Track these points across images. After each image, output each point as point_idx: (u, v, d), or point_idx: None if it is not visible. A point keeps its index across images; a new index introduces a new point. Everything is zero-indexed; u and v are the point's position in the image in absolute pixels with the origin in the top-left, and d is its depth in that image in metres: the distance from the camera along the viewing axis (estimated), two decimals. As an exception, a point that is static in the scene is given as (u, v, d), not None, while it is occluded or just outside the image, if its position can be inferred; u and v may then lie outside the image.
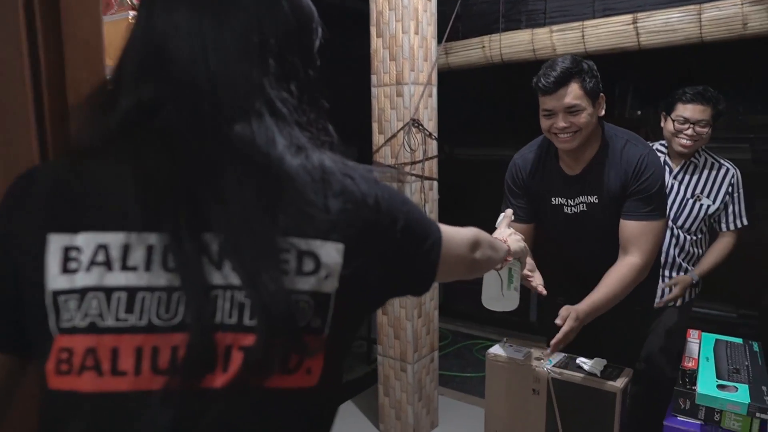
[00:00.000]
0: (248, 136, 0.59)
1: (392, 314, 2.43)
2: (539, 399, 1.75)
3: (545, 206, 1.91)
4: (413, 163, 2.25)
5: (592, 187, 1.81)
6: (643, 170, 1.73)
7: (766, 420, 1.56)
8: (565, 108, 1.67)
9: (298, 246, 0.59)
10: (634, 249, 1.74)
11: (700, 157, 2.25)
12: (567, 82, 1.66)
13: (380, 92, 2.28)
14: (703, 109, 2.13)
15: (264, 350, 0.58)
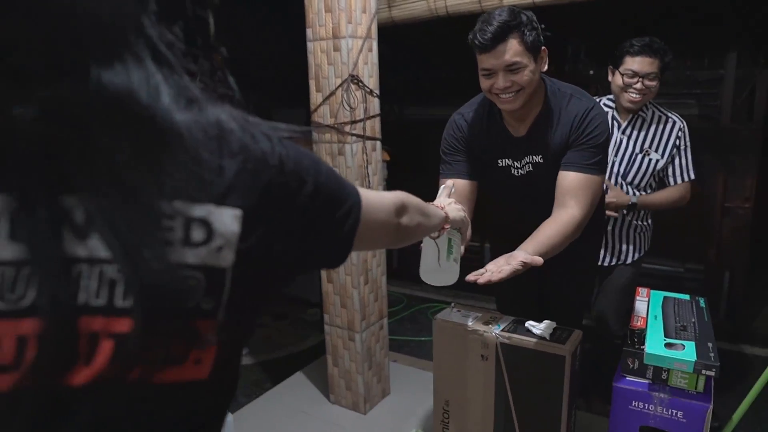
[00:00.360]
0: (123, 83, 0.48)
1: (337, 282, 2.33)
2: (488, 365, 1.69)
3: (492, 169, 1.82)
4: (353, 123, 2.11)
5: (538, 146, 1.72)
6: (587, 122, 1.65)
7: (710, 376, 1.55)
8: (505, 66, 1.56)
9: (185, 212, 0.49)
10: (572, 202, 1.64)
11: (647, 111, 2.21)
12: (505, 38, 1.53)
13: (316, 47, 2.12)
14: (651, 61, 2.08)
15: (142, 338, 0.48)
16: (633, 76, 2.10)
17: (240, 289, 0.53)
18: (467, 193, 1.79)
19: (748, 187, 3.34)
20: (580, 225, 1.64)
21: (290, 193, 0.57)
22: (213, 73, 0.60)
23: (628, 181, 2.21)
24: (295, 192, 0.57)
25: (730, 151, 3.32)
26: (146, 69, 0.50)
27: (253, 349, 3.44)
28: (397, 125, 4.33)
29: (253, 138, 0.54)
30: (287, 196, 0.57)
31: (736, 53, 3.24)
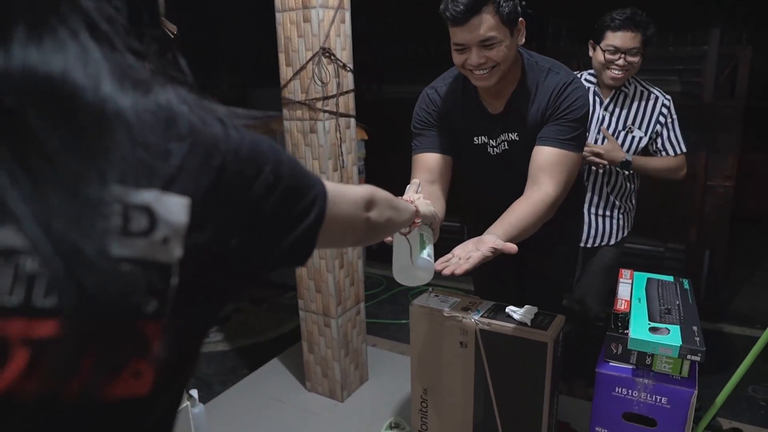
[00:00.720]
0: (56, 59, 0.42)
1: (311, 266, 2.24)
2: (467, 352, 1.62)
3: (467, 146, 1.72)
4: (326, 99, 2.00)
5: (515, 123, 1.62)
6: (565, 95, 1.55)
7: (696, 361, 1.49)
8: (478, 41, 1.45)
9: (123, 197, 0.42)
10: (546, 180, 1.53)
11: (630, 87, 2.13)
12: (479, 10, 1.41)
13: (285, 18, 1.99)
14: (633, 36, 2.00)
15: (69, 344, 0.40)
16: (615, 52, 2.01)
17: (189, 289, 0.46)
18: (441, 168, 1.69)
19: (729, 166, 3.31)
20: (553, 204, 1.53)
21: (246, 182, 0.51)
22: (162, 53, 0.54)
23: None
24: (251, 180, 0.51)
25: (712, 128, 3.28)
26: (81, 44, 0.43)
27: (229, 335, 3.36)
28: (376, 103, 4.22)
29: (204, 122, 0.48)
30: (242, 184, 0.51)
31: (719, 29, 3.18)
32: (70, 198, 0.40)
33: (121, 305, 0.42)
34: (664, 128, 2.11)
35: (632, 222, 2.29)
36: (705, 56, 3.25)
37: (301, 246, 0.62)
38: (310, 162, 2.10)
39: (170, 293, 0.45)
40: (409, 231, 1.13)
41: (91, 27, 0.45)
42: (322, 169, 2.08)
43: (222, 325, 3.50)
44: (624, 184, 2.18)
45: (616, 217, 2.21)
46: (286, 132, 2.13)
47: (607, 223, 2.21)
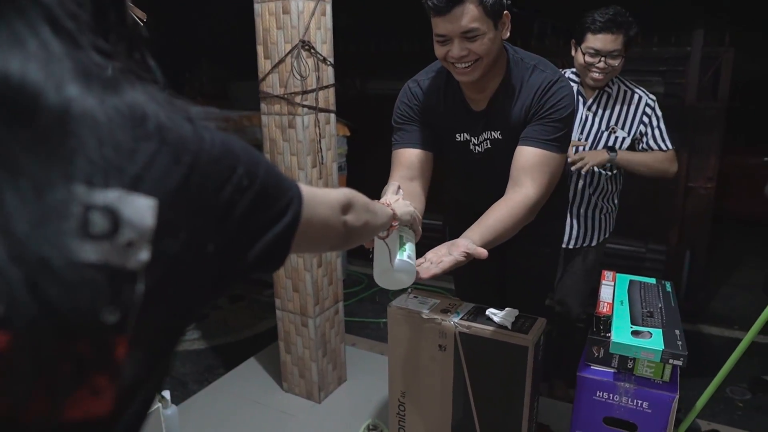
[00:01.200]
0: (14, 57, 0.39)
1: (288, 264, 2.18)
2: (446, 355, 1.58)
3: (448, 143, 1.67)
4: (305, 93, 1.94)
5: (498, 121, 1.57)
6: (550, 94, 1.50)
7: (678, 365, 1.47)
8: (461, 33, 1.40)
9: (83, 197, 0.39)
10: (527, 181, 1.49)
11: (613, 86, 2.10)
12: (462, 1, 1.36)
13: (264, 9, 1.93)
14: (614, 38, 1.96)
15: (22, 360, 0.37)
16: (595, 54, 1.98)
17: (156, 297, 0.43)
18: (422, 164, 1.63)
19: (711, 167, 3.32)
20: (534, 207, 1.49)
21: (217, 183, 0.49)
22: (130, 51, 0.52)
23: None
24: (222, 182, 0.49)
25: (694, 130, 3.28)
26: (43, 42, 0.41)
27: (206, 333, 3.30)
28: (359, 99, 4.16)
29: (173, 121, 0.46)
30: (213, 185, 0.48)
31: (702, 31, 3.18)
32: (32, 202, 0.37)
33: (82, 315, 0.39)
34: (648, 127, 2.09)
35: (614, 223, 2.27)
36: (688, 58, 3.25)
37: (276, 251, 0.60)
38: (288, 158, 2.04)
39: (135, 302, 0.41)
40: (387, 235, 1.10)
41: (53, 22, 0.42)
42: (300, 165, 2.02)
43: (199, 323, 3.43)
44: (606, 185, 2.15)
45: (597, 218, 2.19)
46: (263, 127, 2.07)
47: (588, 224, 2.19)
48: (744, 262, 4.05)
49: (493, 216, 1.44)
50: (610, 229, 2.25)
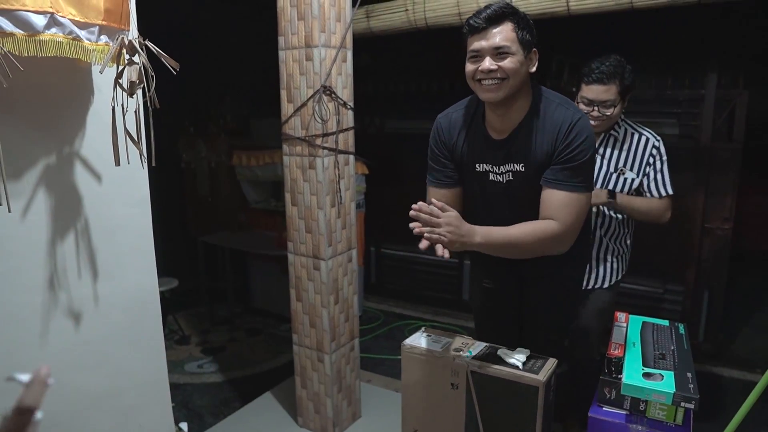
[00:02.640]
0: None
1: (306, 301, 2.23)
2: (458, 393, 1.60)
3: (469, 173, 1.74)
4: (325, 135, 2.03)
5: (520, 153, 1.64)
6: (573, 135, 1.57)
7: (690, 409, 1.48)
8: (493, 48, 1.50)
9: None
10: (555, 218, 1.59)
11: (620, 129, 2.14)
12: (500, 21, 1.50)
13: (288, 56, 2.03)
14: (606, 89, 2.00)
15: None
16: (588, 104, 2.04)
17: None
18: (452, 200, 1.74)
19: (727, 208, 3.31)
20: (558, 238, 1.58)
21: None
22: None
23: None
24: None
25: (710, 170, 3.30)
26: None
27: (223, 366, 3.33)
28: (378, 137, 4.26)
29: None
30: None
31: (716, 74, 3.22)
32: None
33: None
34: (651, 169, 2.12)
35: (627, 265, 2.28)
36: (702, 100, 3.29)
37: None
38: (308, 198, 2.11)
39: None
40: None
41: None
42: (320, 204, 2.09)
43: (215, 356, 3.48)
44: (617, 228, 2.17)
45: (609, 260, 2.21)
46: (285, 167, 2.15)
47: (600, 266, 2.21)
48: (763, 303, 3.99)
49: (516, 227, 1.57)
50: (623, 270, 2.26)
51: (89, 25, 1.31)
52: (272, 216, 4.13)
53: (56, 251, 1.55)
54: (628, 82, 2.03)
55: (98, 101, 1.58)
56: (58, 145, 1.52)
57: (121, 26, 1.39)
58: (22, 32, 1.17)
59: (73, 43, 1.27)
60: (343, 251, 2.25)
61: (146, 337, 1.82)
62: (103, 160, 1.62)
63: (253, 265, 4.17)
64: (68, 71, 1.49)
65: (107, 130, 1.58)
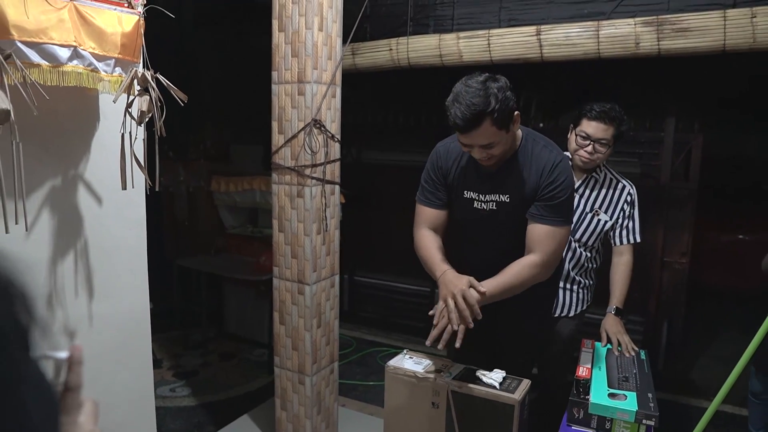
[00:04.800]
0: None
1: (290, 324, 2.31)
2: (439, 412, 1.70)
3: (457, 200, 1.90)
4: (314, 166, 2.14)
5: (506, 186, 1.81)
6: (555, 177, 1.74)
7: (650, 426, 1.61)
8: (479, 145, 1.66)
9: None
10: (537, 250, 1.77)
11: (601, 173, 2.29)
12: (479, 124, 1.60)
13: (281, 90, 2.15)
14: (605, 128, 2.15)
15: None
16: (586, 138, 2.18)
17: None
18: (439, 219, 1.93)
19: (684, 243, 3.53)
20: (538, 267, 1.76)
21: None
22: None
23: (576, 239, 2.29)
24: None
25: (668, 208, 3.52)
26: None
27: (196, 390, 3.34)
28: (354, 167, 4.39)
29: None
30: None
31: (674, 118, 3.47)
32: None
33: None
34: (623, 216, 2.27)
35: (592, 296, 2.43)
36: (662, 142, 3.52)
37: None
38: (296, 225, 2.21)
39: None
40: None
41: None
42: (306, 231, 2.19)
43: (189, 379, 3.48)
44: (585, 263, 2.33)
45: (576, 291, 2.34)
46: (273, 195, 2.25)
47: (567, 295, 2.33)
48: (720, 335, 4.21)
49: (504, 274, 1.75)
50: (587, 301, 2.40)
51: (106, 57, 1.40)
52: (249, 241, 4.18)
53: (56, 270, 1.60)
54: (624, 128, 2.18)
55: (103, 128, 1.67)
56: (64, 168, 1.59)
57: (133, 59, 1.49)
58: (47, 63, 1.26)
59: (91, 74, 1.36)
60: (326, 276, 2.34)
61: (136, 356, 1.87)
62: (105, 183, 1.70)
63: (228, 289, 4.20)
64: (76, 99, 1.58)
65: (110, 155, 1.66)
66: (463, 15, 2.86)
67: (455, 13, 2.86)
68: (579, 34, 2.53)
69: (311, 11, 2.06)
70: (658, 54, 2.45)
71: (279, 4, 2.12)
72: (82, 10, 1.32)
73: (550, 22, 2.63)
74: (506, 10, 2.77)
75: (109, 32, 1.39)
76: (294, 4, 2.08)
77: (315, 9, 2.07)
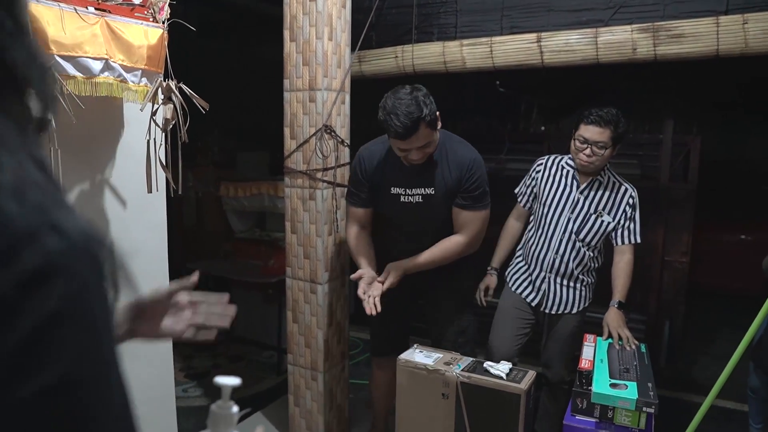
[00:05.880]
0: None
1: (303, 323, 2.39)
2: (448, 402, 1.78)
3: (384, 195, 2.13)
4: (325, 170, 2.23)
5: (430, 180, 2.08)
6: (473, 172, 2.07)
7: (651, 413, 1.69)
8: (417, 147, 1.91)
9: None
10: (464, 231, 2.12)
11: (605, 176, 2.35)
12: (417, 129, 1.85)
13: (293, 97, 2.24)
14: (601, 131, 2.21)
15: None
16: (584, 142, 2.25)
17: None
18: (368, 218, 2.20)
19: (685, 243, 3.61)
20: (464, 245, 2.12)
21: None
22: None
23: (580, 238, 2.35)
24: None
25: (668, 208, 3.59)
26: None
27: (207, 391, 3.41)
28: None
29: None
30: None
31: (672, 120, 3.55)
32: None
33: None
34: (625, 217, 2.34)
35: (592, 294, 2.49)
36: (661, 143, 3.60)
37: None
38: (308, 226, 2.30)
39: None
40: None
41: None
42: (318, 233, 2.28)
43: (200, 380, 3.56)
44: (588, 263, 2.40)
45: (578, 288, 2.41)
46: (286, 197, 2.34)
47: (570, 293, 2.40)
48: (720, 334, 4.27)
49: (436, 247, 2.11)
50: (589, 299, 2.47)
51: (134, 69, 1.49)
52: (257, 245, 4.26)
53: (84, 270, 1.69)
54: (621, 130, 2.24)
55: (127, 134, 1.76)
56: (92, 173, 1.68)
57: (158, 70, 1.58)
58: (81, 75, 1.35)
59: (121, 84, 1.46)
60: (337, 277, 2.43)
61: (159, 354, 1.96)
62: (128, 187, 1.79)
63: (236, 293, 4.27)
64: (103, 108, 1.67)
65: (133, 161, 1.75)
66: (466, 23, 2.95)
67: (458, 21, 2.95)
68: (578, 40, 2.62)
69: (321, 22, 2.16)
70: (655, 59, 2.53)
71: (290, 14, 2.22)
72: (112, 25, 1.42)
73: (550, 30, 2.72)
74: (508, 18, 2.86)
75: (137, 45, 1.48)
76: (305, 14, 2.18)
77: (325, 19, 2.16)
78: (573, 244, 2.35)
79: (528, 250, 2.46)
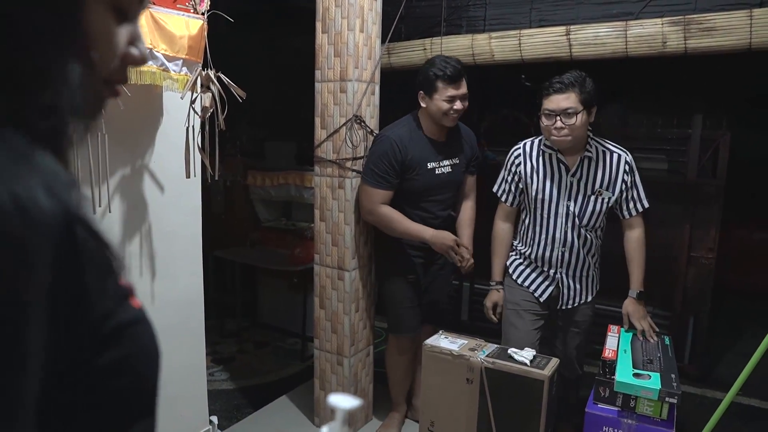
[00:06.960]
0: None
1: (330, 308, 2.45)
2: (473, 387, 1.82)
3: (422, 171, 2.34)
4: (354, 159, 2.28)
5: (455, 151, 2.44)
6: (476, 144, 2.57)
7: (673, 404, 1.71)
8: (462, 95, 2.26)
9: None
10: (472, 194, 2.59)
11: (592, 149, 2.15)
12: (463, 75, 2.27)
13: (324, 87, 2.29)
14: (565, 97, 2.01)
15: None
16: (549, 115, 2.04)
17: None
18: (390, 199, 2.34)
19: (711, 239, 3.58)
20: (474, 208, 2.60)
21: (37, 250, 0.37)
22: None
23: (584, 225, 2.20)
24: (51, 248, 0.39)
25: (696, 204, 3.56)
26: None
27: (233, 375, 3.50)
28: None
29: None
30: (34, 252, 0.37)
31: (701, 116, 3.51)
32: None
33: None
34: (626, 186, 2.18)
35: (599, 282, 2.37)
36: (689, 139, 3.57)
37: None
38: (336, 214, 2.35)
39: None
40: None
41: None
42: (347, 221, 2.33)
43: (227, 365, 3.65)
44: (594, 241, 2.26)
45: (590, 275, 2.30)
46: (315, 186, 2.40)
47: (584, 283, 2.29)
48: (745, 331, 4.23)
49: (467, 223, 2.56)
50: (597, 287, 2.36)
51: (176, 58, 1.56)
52: (283, 234, 4.34)
53: (125, 251, 1.77)
54: (589, 90, 2.05)
55: (166, 121, 1.83)
56: (132, 158, 1.76)
57: (198, 60, 1.64)
58: (128, 64, 1.42)
59: (163, 73, 1.52)
60: (364, 265, 2.48)
61: (191, 334, 2.03)
62: (166, 173, 1.86)
63: (262, 281, 4.36)
64: (144, 96, 1.74)
65: (173, 147, 1.82)
66: (495, 16, 2.96)
67: (487, 14, 2.97)
68: (607, 33, 2.62)
69: (353, 14, 2.20)
70: (685, 53, 2.52)
71: (323, 6, 2.26)
72: (156, 16, 1.48)
73: (579, 23, 2.73)
74: (537, 10, 2.87)
75: (178, 35, 1.54)
76: (337, 7, 2.22)
77: (357, 11, 2.21)
78: (578, 233, 2.19)
79: (531, 251, 2.28)
